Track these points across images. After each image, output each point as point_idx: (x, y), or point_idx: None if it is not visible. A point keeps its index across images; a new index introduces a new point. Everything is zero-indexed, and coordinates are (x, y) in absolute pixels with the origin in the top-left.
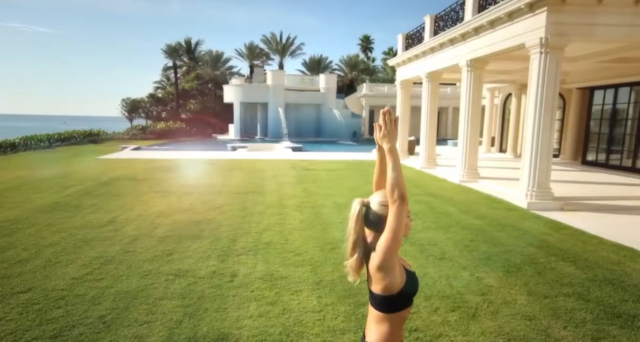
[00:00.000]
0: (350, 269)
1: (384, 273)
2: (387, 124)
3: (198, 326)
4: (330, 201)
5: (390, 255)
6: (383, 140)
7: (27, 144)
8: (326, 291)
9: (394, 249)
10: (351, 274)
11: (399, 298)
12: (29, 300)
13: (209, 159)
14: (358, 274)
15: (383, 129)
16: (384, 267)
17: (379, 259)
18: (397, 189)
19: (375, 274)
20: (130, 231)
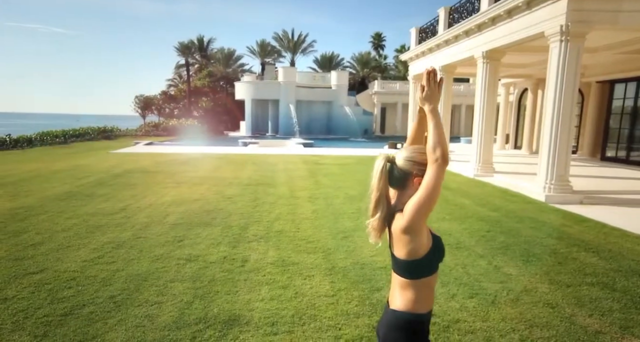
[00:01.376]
0: (372, 230)
1: (411, 236)
2: (431, 85)
3: (209, 307)
4: (342, 193)
5: (420, 216)
6: (425, 101)
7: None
8: (339, 276)
9: (426, 209)
10: (372, 235)
11: (425, 263)
12: (40, 280)
13: (220, 153)
14: (380, 235)
15: (426, 89)
16: (411, 230)
17: (407, 220)
18: (439, 148)
19: (400, 236)
20: (141, 218)
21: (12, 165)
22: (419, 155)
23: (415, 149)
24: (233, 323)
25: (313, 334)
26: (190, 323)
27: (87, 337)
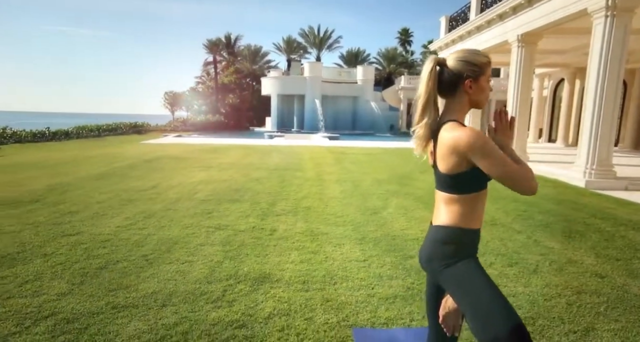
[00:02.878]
0: (417, 140)
1: (458, 153)
2: (503, 125)
3: (239, 266)
4: (370, 177)
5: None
6: (500, 141)
7: (79, 133)
8: (370, 245)
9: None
10: (417, 145)
11: (471, 177)
12: (77, 241)
13: (246, 144)
14: (425, 146)
15: (498, 131)
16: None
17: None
18: (533, 182)
19: (445, 150)
20: (171, 194)
21: (51, 153)
22: (472, 55)
23: (468, 50)
24: (264, 280)
25: (345, 291)
26: (221, 279)
27: (121, 286)
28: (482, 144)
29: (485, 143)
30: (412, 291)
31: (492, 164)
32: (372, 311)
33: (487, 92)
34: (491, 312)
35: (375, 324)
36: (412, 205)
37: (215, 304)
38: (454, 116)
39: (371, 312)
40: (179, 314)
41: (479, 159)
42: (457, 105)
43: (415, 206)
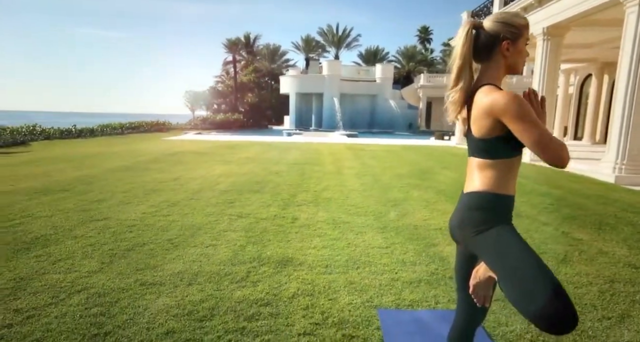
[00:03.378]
0: (451, 105)
1: (493, 116)
2: (535, 106)
3: (262, 250)
4: (390, 172)
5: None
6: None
7: (104, 131)
8: (392, 233)
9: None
10: (450, 110)
11: (506, 140)
12: (105, 225)
13: (266, 141)
14: (459, 111)
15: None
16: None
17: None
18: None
19: (481, 114)
20: (193, 185)
21: (77, 148)
22: (511, 16)
23: (506, 11)
24: (287, 263)
25: (369, 275)
26: (245, 261)
27: (148, 266)
28: (518, 107)
29: (522, 107)
30: (437, 276)
31: (527, 129)
32: (397, 294)
33: (524, 57)
34: (530, 277)
35: (400, 306)
36: (433, 198)
37: (240, 284)
38: (490, 81)
39: (395, 294)
40: (205, 292)
41: (514, 122)
42: (493, 70)
43: (437, 198)
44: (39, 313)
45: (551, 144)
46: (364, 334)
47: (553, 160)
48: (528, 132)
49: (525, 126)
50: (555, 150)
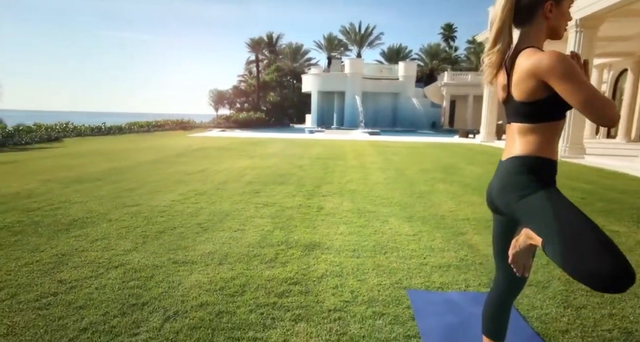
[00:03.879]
0: (487, 67)
1: (537, 77)
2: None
3: (289, 235)
4: (414, 167)
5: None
6: None
7: (131, 128)
8: (418, 223)
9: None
10: (487, 73)
11: (550, 103)
12: (137, 210)
13: (288, 138)
14: (495, 74)
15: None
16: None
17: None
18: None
19: (523, 76)
20: (219, 177)
21: (107, 144)
22: None
23: None
24: (314, 247)
25: (396, 259)
26: (273, 244)
27: (179, 247)
28: (565, 66)
29: (569, 65)
30: (466, 262)
31: (575, 89)
32: (426, 277)
33: (568, 20)
34: (581, 237)
35: (429, 288)
36: (460, 191)
37: (269, 264)
38: (531, 44)
39: (424, 277)
40: (235, 271)
41: (561, 83)
42: (534, 33)
43: (463, 191)
44: (80, 284)
45: (601, 103)
46: (394, 312)
47: (603, 120)
48: (576, 92)
49: (573, 86)
50: (605, 111)
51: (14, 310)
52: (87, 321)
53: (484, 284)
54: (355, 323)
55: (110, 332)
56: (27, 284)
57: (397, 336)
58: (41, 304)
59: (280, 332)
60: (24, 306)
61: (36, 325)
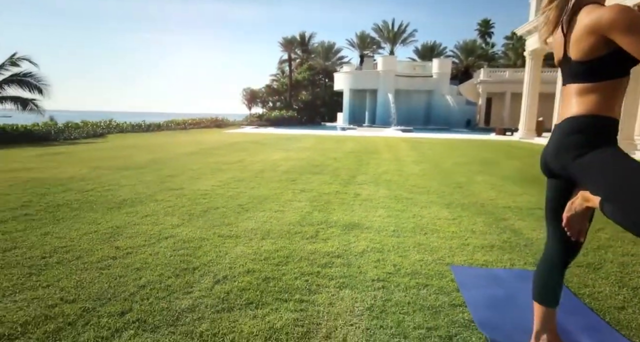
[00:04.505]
0: (544, 24)
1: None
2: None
3: (328, 216)
4: (450, 161)
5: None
6: None
7: (168, 126)
8: (458, 209)
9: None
10: (543, 31)
11: (612, 60)
12: (180, 193)
13: (320, 134)
14: (552, 31)
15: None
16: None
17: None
18: None
19: (583, 33)
20: (256, 166)
21: (147, 139)
22: None
23: None
24: (353, 227)
25: (437, 240)
26: (313, 223)
27: (223, 223)
28: (629, 17)
29: (634, 16)
30: (510, 244)
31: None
32: (468, 255)
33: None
34: None
35: (473, 265)
36: (499, 182)
37: (310, 240)
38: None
39: (467, 255)
40: (278, 245)
41: (625, 35)
42: None
43: (503, 182)
44: (135, 251)
45: None
46: (437, 284)
47: None
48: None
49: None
50: None
51: (80, 269)
52: (144, 280)
53: (530, 263)
54: (399, 292)
55: (166, 289)
56: (89, 249)
57: (442, 304)
58: (102, 265)
59: (325, 297)
60: (88, 266)
61: (100, 281)
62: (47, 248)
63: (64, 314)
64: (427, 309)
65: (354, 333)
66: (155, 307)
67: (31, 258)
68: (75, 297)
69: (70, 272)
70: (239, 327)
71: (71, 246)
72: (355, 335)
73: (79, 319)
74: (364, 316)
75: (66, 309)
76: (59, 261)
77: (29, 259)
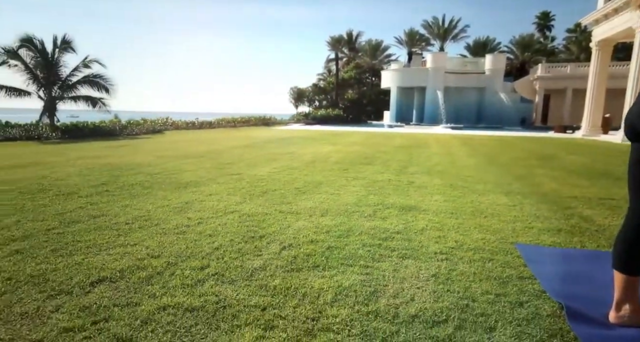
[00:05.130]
0: None
1: None
2: None
3: (383, 199)
4: (506, 155)
5: None
6: None
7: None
8: (518, 197)
9: None
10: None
11: None
12: (239, 177)
13: (367, 131)
14: None
15: None
16: None
17: None
18: None
19: None
20: (307, 158)
21: (201, 135)
22: None
23: None
24: (410, 209)
25: (498, 222)
26: (369, 204)
27: (283, 202)
28: None
29: None
30: (580, 228)
31: None
32: (534, 236)
33: None
34: None
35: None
36: (563, 175)
37: (369, 218)
38: None
39: (532, 236)
40: (338, 221)
41: None
42: None
43: (567, 176)
44: (205, 221)
45: None
46: (503, 259)
47: None
48: None
49: None
50: None
51: (159, 233)
52: (217, 244)
53: (603, 246)
54: (463, 263)
55: (238, 252)
56: (164, 219)
57: (509, 276)
58: (178, 231)
59: (389, 265)
60: (166, 231)
61: (179, 243)
62: (129, 216)
63: (152, 266)
64: (493, 279)
65: (421, 294)
66: (230, 265)
67: (117, 223)
68: (159, 253)
69: (152, 235)
70: (309, 283)
71: (148, 216)
72: (422, 296)
73: (165, 270)
74: (430, 282)
75: (153, 262)
76: (140, 226)
77: (116, 224)
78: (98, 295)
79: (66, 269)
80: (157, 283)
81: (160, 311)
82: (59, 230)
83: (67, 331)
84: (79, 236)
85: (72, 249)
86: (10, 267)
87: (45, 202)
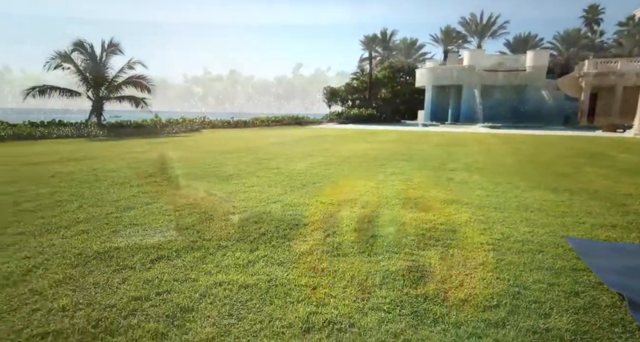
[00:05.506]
0: None
1: None
2: None
3: (423, 193)
4: (549, 153)
5: None
6: None
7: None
8: (566, 194)
9: None
10: None
11: None
12: (278, 171)
13: (402, 129)
14: None
15: None
16: None
17: None
18: None
19: None
20: (343, 154)
21: (237, 133)
22: None
23: None
24: (452, 202)
25: (545, 217)
26: (409, 198)
27: (322, 194)
28: None
29: None
30: (638, 225)
31: None
32: (586, 231)
33: None
34: None
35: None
36: (614, 173)
37: (410, 210)
38: None
39: (585, 231)
40: (379, 212)
41: None
42: None
43: (619, 173)
44: (250, 209)
45: None
46: (554, 251)
47: None
48: None
49: None
50: None
51: (207, 219)
52: (263, 230)
53: None
54: (512, 254)
55: (283, 237)
56: (212, 207)
57: (562, 267)
58: (226, 218)
59: (435, 252)
60: (214, 218)
61: (227, 228)
62: (177, 204)
63: (204, 247)
64: (545, 270)
65: (469, 280)
66: (277, 249)
67: (167, 210)
68: (210, 237)
69: (201, 220)
70: (356, 267)
71: (195, 204)
72: (470, 282)
73: (217, 251)
74: (478, 269)
75: (205, 244)
76: (189, 213)
77: (166, 211)
78: (158, 270)
79: (127, 248)
80: (211, 262)
81: (216, 286)
82: (116, 214)
83: (135, 299)
84: (135, 220)
85: (130, 231)
86: (79, 244)
87: (101, 191)
